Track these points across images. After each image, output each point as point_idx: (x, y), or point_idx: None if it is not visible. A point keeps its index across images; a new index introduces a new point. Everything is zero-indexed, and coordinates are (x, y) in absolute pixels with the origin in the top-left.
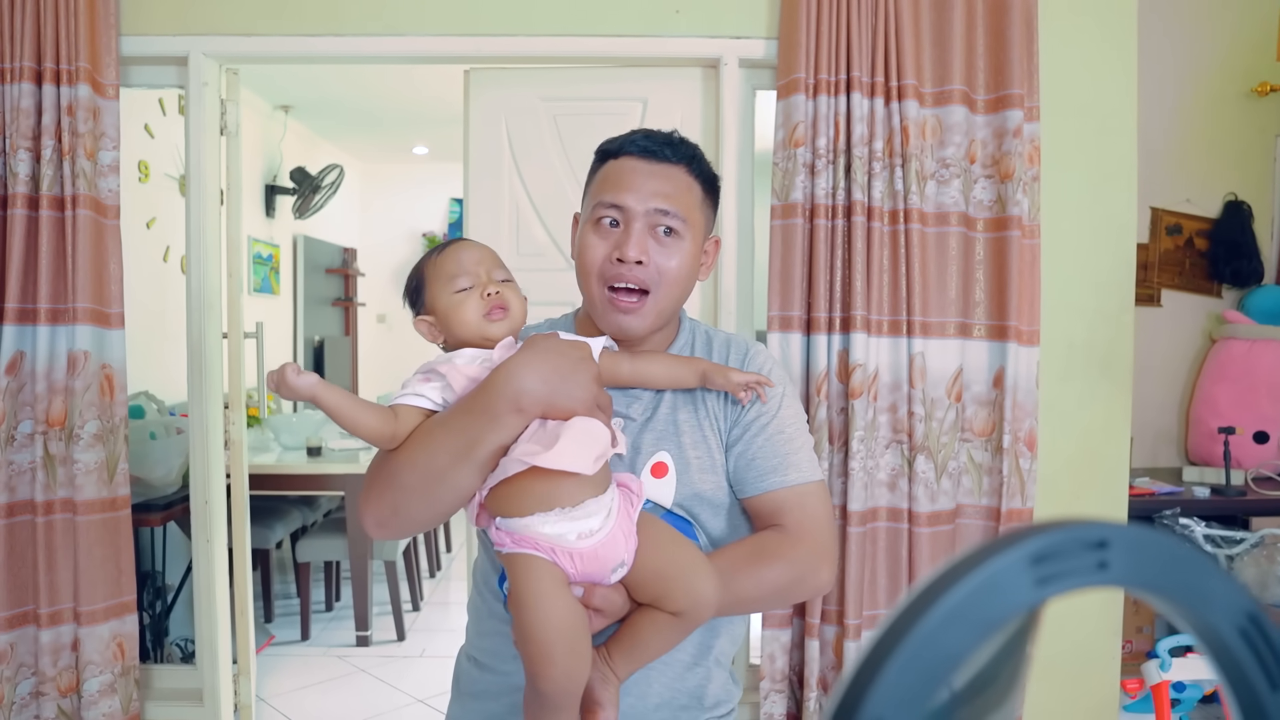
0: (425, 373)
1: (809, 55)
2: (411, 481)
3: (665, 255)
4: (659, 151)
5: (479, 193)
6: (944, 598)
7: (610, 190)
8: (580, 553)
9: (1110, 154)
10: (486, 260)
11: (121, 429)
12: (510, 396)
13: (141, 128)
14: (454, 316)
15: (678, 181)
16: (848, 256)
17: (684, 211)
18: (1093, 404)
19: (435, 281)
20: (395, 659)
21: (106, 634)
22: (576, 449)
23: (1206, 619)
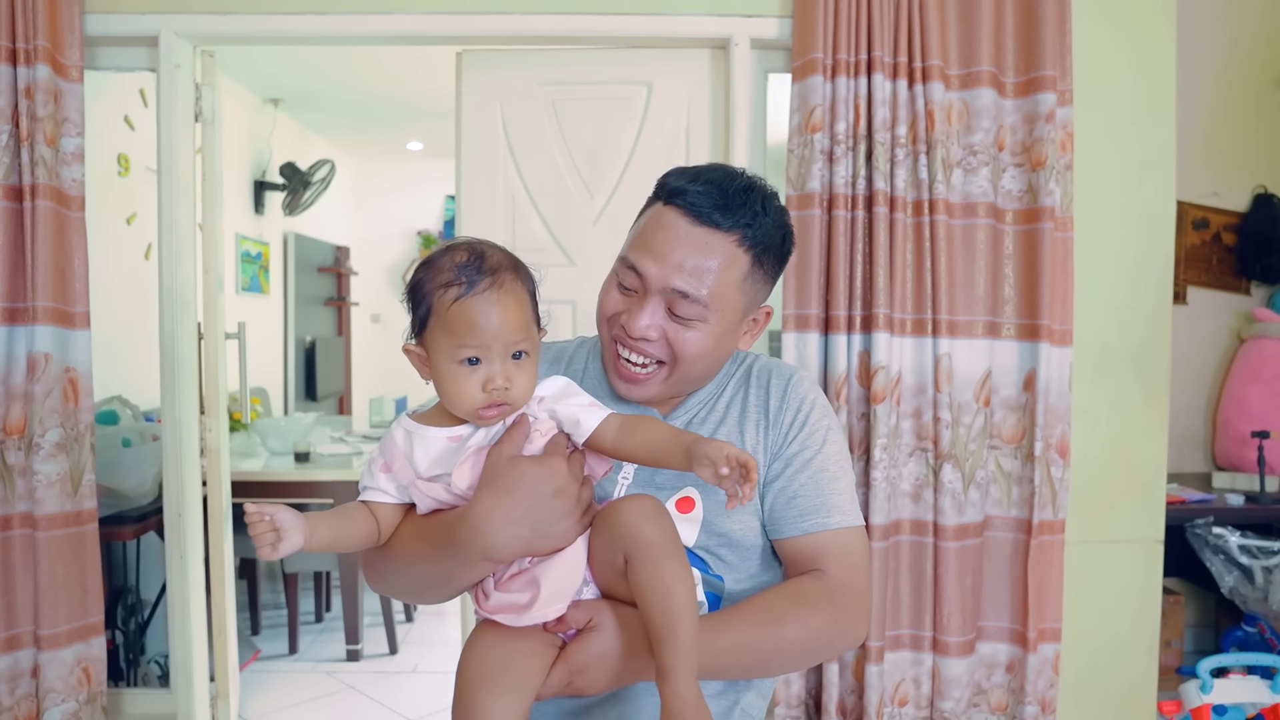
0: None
1: (826, 34)
2: (400, 584)
3: (680, 335)
4: (708, 215)
5: (472, 184)
6: None
7: (640, 247)
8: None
9: (1147, 140)
10: (508, 331)
11: (87, 437)
12: (479, 552)
13: (121, 119)
14: (445, 384)
15: (717, 255)
16: (869, 250)
17: (712, 294)
18: (1127, 408)
19: (441, 331)
20: (387, 674)
21: (70, 658)
22: (554, 593)
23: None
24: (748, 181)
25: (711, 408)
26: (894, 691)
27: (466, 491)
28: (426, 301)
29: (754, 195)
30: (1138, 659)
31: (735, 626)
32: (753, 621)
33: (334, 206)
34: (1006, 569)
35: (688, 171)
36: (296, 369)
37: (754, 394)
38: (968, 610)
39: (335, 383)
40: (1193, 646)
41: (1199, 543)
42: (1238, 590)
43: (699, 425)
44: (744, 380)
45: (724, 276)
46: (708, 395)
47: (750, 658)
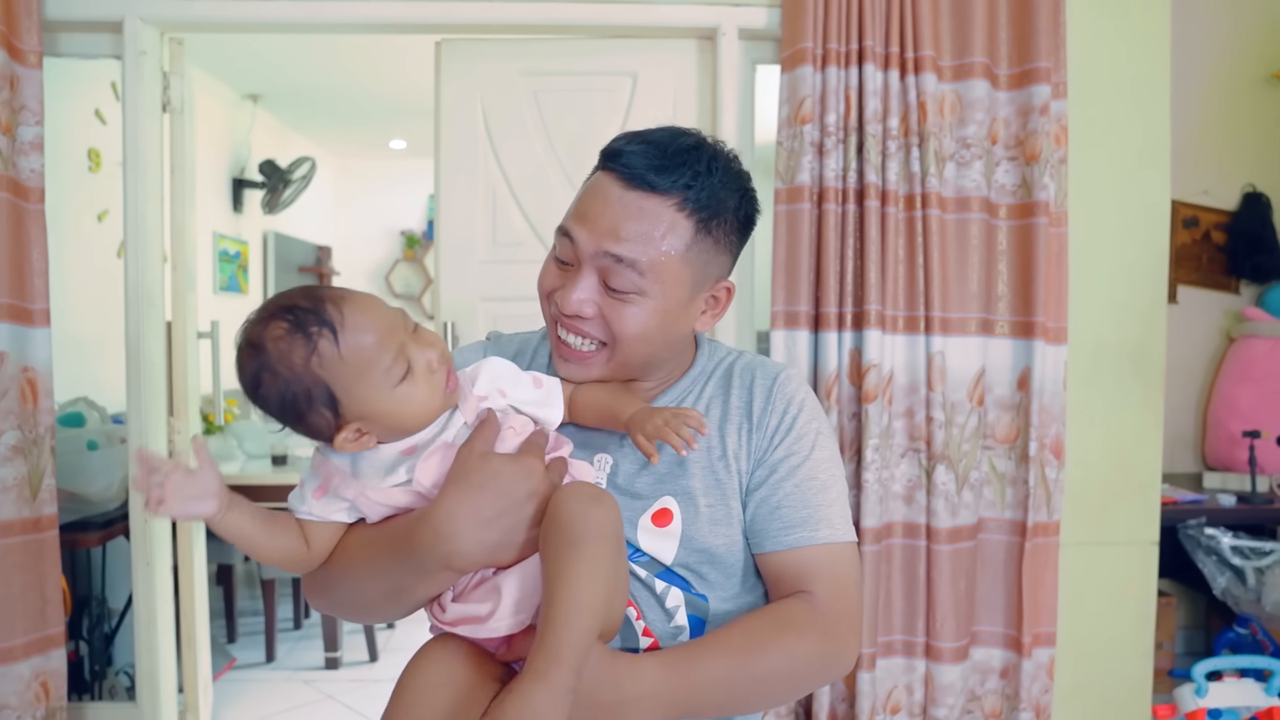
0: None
1: (817, 23)
2: (348, 601)
3: (615, 313)
4: (642, 177)
5: (452, 177)
6: None
7: (572, 215)
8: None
9: (1143, 134)
10: (396, 319)
11: (47, 439)
12: (440, 558)
13: (92, 113)
14: (404, 411)
15: (654, 221)
16: (860, 246)
17: (649, 261)
18: (1123, 408)
19: (358, 383)
20: (367, 683)
21: (27, 673)
22: (516, 603)
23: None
24: (695, 140)
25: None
26: (886, 699)
27: (431, 490)
28: (316, 384)
29: (699, 154)
30: (1133, 663)
31: (714, 657)
32: (733, 651)
33: (315, 206)
34: (1000, 572)
35: (631, 133)
36: None
37: (736, 394)
38: (961, 615)
39: None
40: (1184, 648)
41: (1191, 544)
42: (1230, 592)
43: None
44: (725, 379)
45: (663, 244)
46: (682, 392)
47: (731, 693)
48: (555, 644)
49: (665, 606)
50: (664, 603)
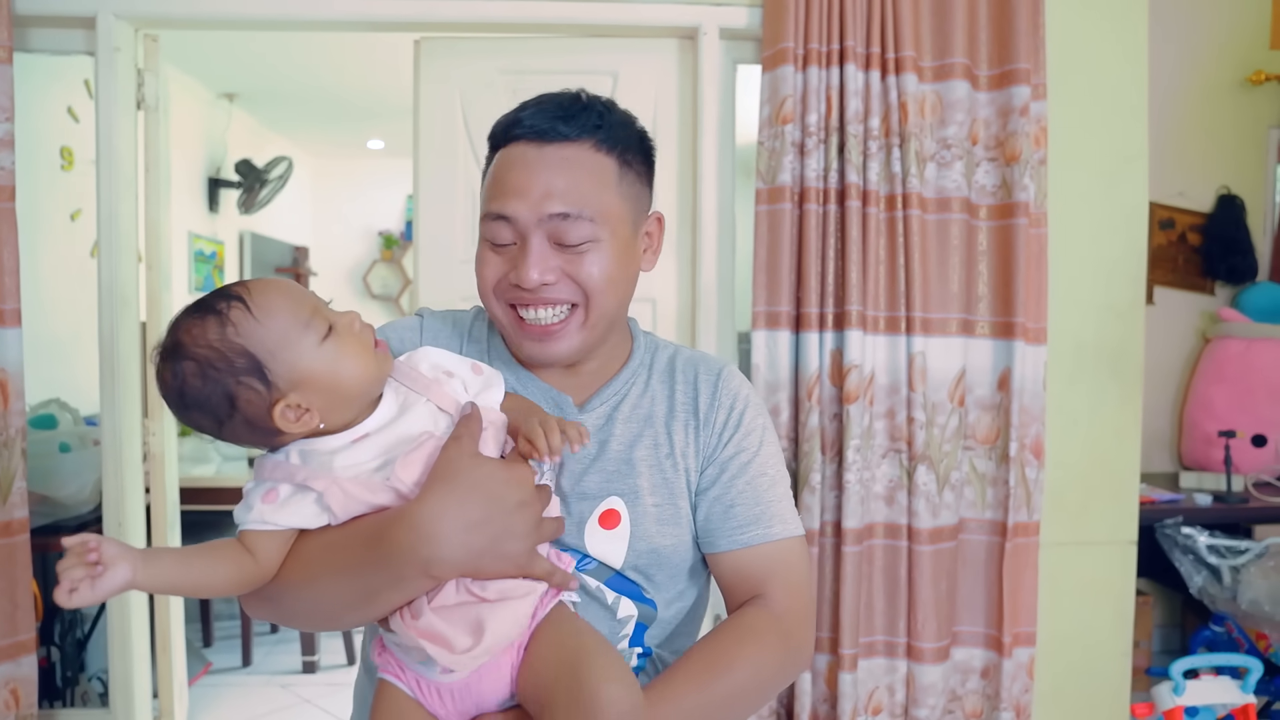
0: (282, 482)
1: (798, 23)
2: (299, 610)
3: (578, 266)
4: (553, 130)
5: (431, 176)
6: None
7: (496, 197)
8: (449, 688)
9: (1122, 135)
10: (305, 293)
11: (19, 442)
12: (420, 564)
13: (64, 110)
14: (343, 371)
15: (580, 166)
16: (841, 246)
17: (593, 206)
18: (1102, 408)
19: (282, 343)
20: (344, 686)
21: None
22: (494, 643)
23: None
24: (576, 91)
25: (635, 404)
26: (868, 700)
27: (411, 490)
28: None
29: (590, 101)
30: (1112, 662)
31: (683, 693)
32: (700, 678)
33: (292, 206)
34: (981, 572)
35: (514, 109)
36: None
37: (681, 389)
38: (942, 615)
39: None
40: (1161, 647)
41: (1168, 543)
42: (1206, 590)
43: (622, 423)
44: (668, 373)
45: (597, 185)
46: (624, 384)
47: (718, 708)
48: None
49: (617, 617)
50: (615, 614)
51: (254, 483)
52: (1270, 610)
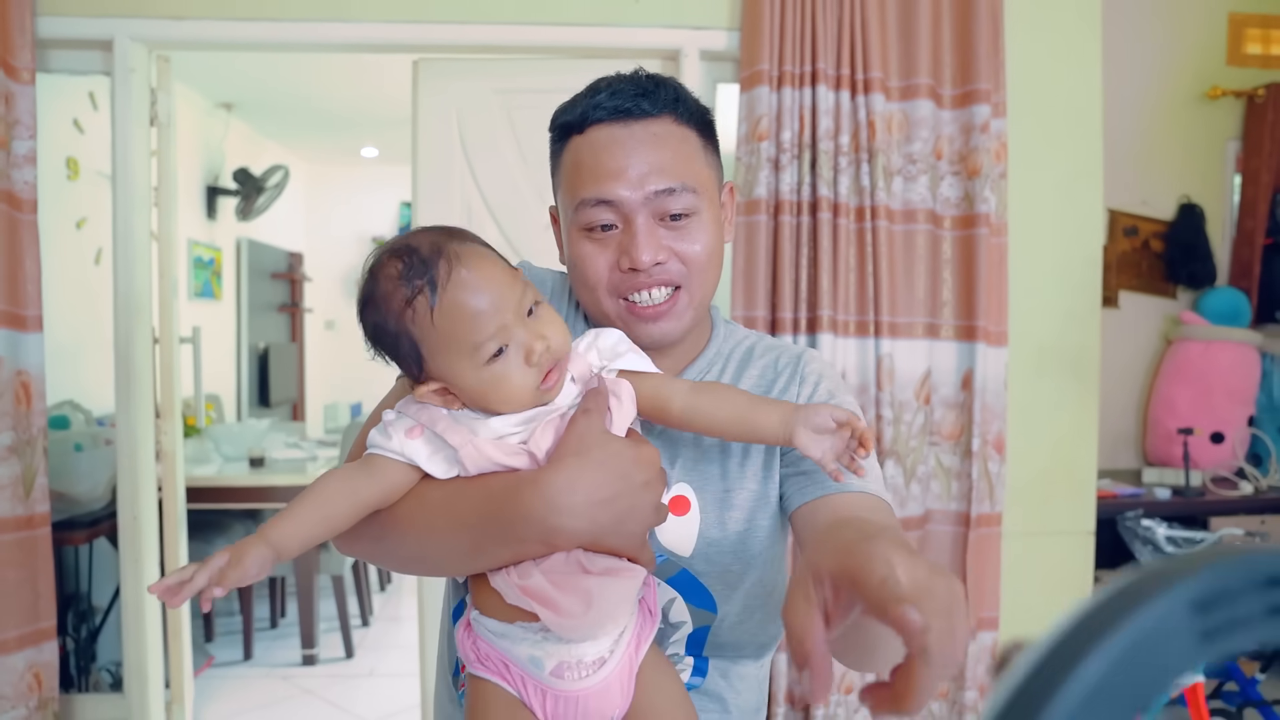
0: (420, 425)
1: (773, 46)
2: (398, 552)
3: (687, 240)
4: (635, 108)
5: (429, 191)
6: (1085, 665)
7: (590, 183)
8: (557, 694)
9: (1077, 150)
10: (508, 294)
11: (40, 440)
12: (541, 528)
13: (70, 122)
14: (492, 393)
15: (670, 140)
16: (814, 255)
17: (691, 177)
18: (1061, 407)
19: (445, 350)
20: (343, 678)
21: (21, 664)
22: (599, 618)
23: None
24: (645, 71)
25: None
26: (841, 679)
27: (544, 456)
28: (404, 335)
29: (661, 78)
30: None
31: None
32: None
33: (287, 212)
34: (946, 561)
35: (578, 98)
36: (250, 375)
37: (755, 373)
38: None
39: (289, 389)
40: None
41: (1129, 534)
42: None
43: None
44: (745, 360)
45: (689, 157)
46: (702, 371)
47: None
48: None
49: (670, 621)
50: (668, 617)
51: (398, 414)
52: None
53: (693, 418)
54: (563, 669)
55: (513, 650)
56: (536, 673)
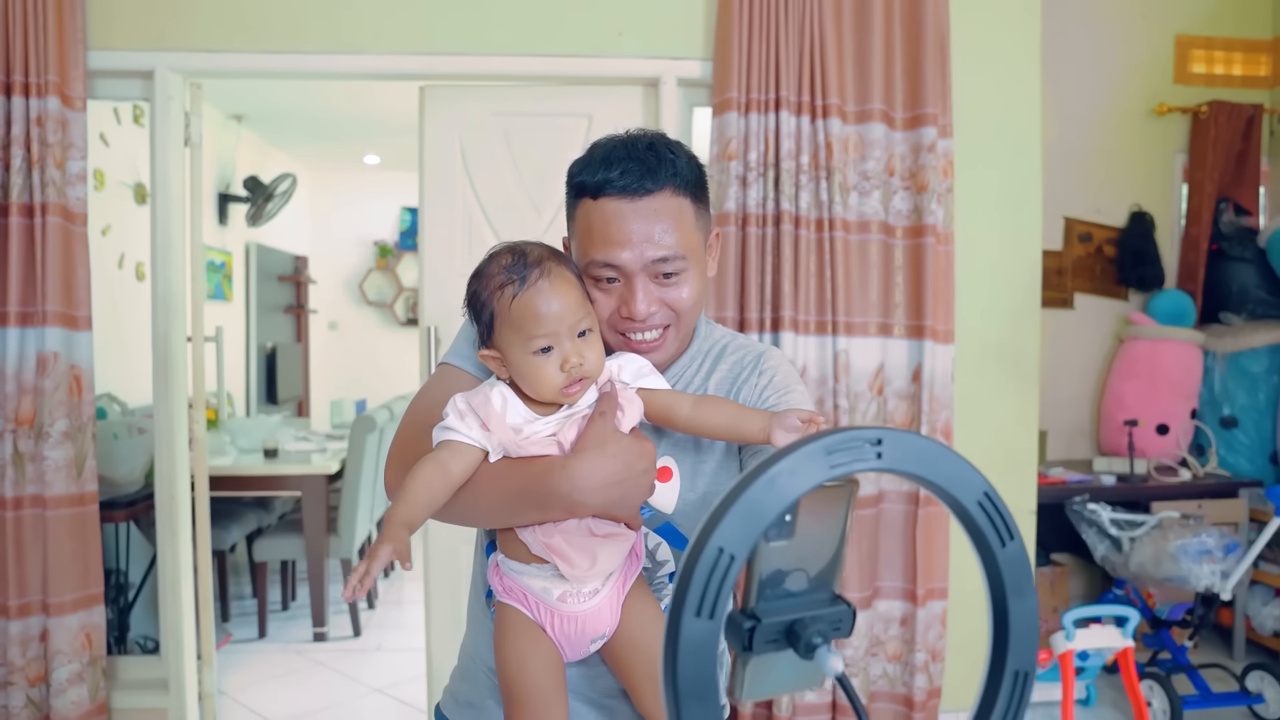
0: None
1: (741, 76)
2: (458, 512)
3: (674, 291)
4: (641, 186)
5: (434, 203)
6: (767, 472)
7: (601, 247)
8: (562, 615)
9: (1018, 168)
10: (570, 312)
11: (89, 427)
12: (566, 502)
13: (98, 136)
14: (527, 377)
15: (668, 213)
16: (777, 262)
17: (682, 245)
18: (1003, 397)
19: (509, 329)
20: (352, 653)
21: (75, 625)
22: (603, 568)
23: (955, 496)
24: (645, 139)
25: (689, 381)
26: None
27: (568, 447)
28: (488, 308)
29: (659, 147)
30: None
31: None
32: None
33: (293, 217)
34: (899, 536)
35: (594, 162)
36: (258, 373)
37: (725, 368)
38: (865, 571)
39: (294, 387)
40: None
41: (1076, 517)
42: (1108, 558)
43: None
44: (717, 360)
45: (681, 226)
46: (683, 368)
47: None
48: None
49: (656, 559)
50: (655, 556)
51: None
52: (1152, 571)
53: (694, 425)
54: (565, 596)
55: (529, 583)
56: (546, 599)
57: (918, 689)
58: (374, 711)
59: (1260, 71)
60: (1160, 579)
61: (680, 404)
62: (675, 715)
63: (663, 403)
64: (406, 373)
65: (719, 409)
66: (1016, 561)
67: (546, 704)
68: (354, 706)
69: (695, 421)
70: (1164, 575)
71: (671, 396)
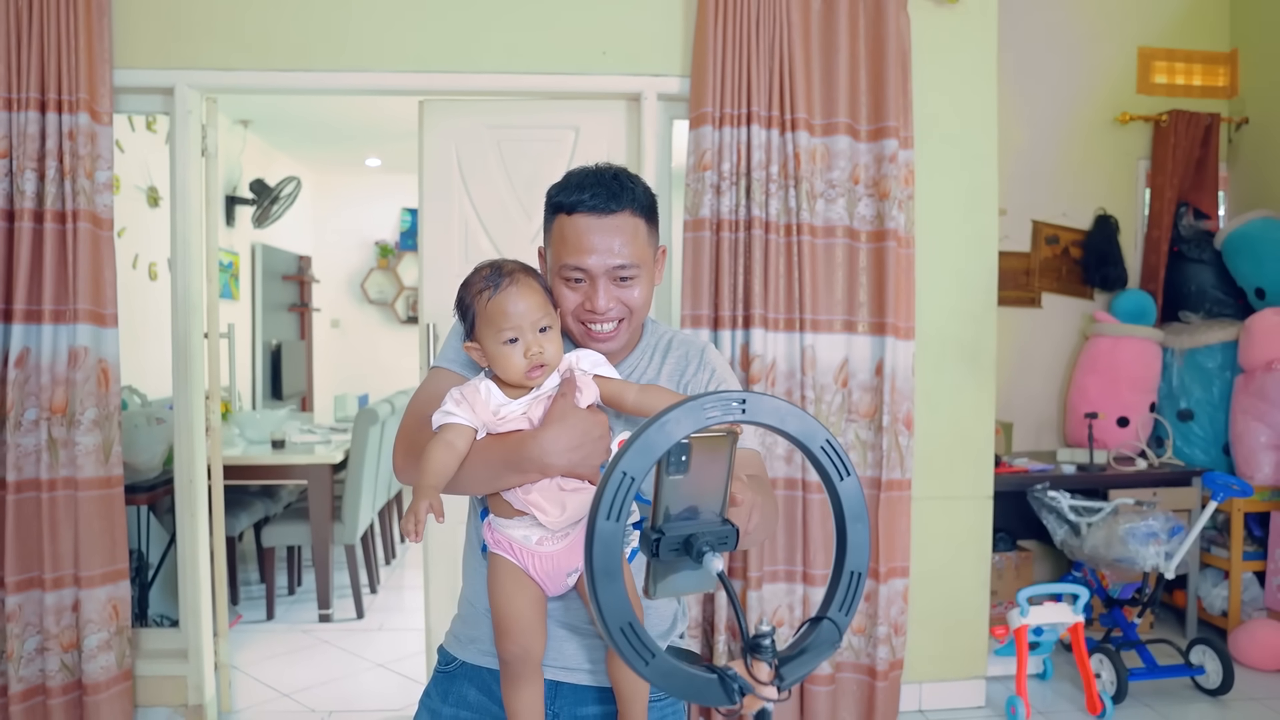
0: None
1: (715, 92)
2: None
3: (628, 292)
4: (607, 206)
5: (432, 209)
6: (659, 421)
7: (572, 254)
8: (540, 555)
9: (975, 175)
10: (532, 311)
11: (115, 416)
12: (538, 465)
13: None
14: (498, 363)
15: (628, 230)
16: (748, 264)
17: (637, 256)
18: (962, 390)
19: (484, 324)
20: (356, 632)
21: (103, 597)
22: (570, 516)
23: (804, 443)
24: (614, 170)
25: (643, 372)
26: (773, 615)
27: (536, 422)
28: (471, 308)
29: (622, 178)
30: (974, 592)
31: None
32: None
33: (297, 218)
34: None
35: (569, 186)
36: (264, 369)
37: (672, 360)
38: (830, 550)
39: (298, 383)
40: None
41: (1037, 504)
42: (1066, 542)
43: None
44: (664, 353)
45: (638, 242)
46: (635, 360)
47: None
48: None
49: None
50: None
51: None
52: (1104, 554)
53: (640, 408)
54: (543, 541)
55: (514, 534)
56: (528, 545)
57: (880, 660)
58: (377, 683)
59: (1219, 82)
60: (1111, 560)
61: (628, 390)
62: (592, 587)
63: (614, 390)
64: (407, 368)
65: (659, 396)
66: (853, 492)
67: (529, 631)
68: (358, 680)
69: (641, 405)
70: (1115, 557)
71: (621, 385)
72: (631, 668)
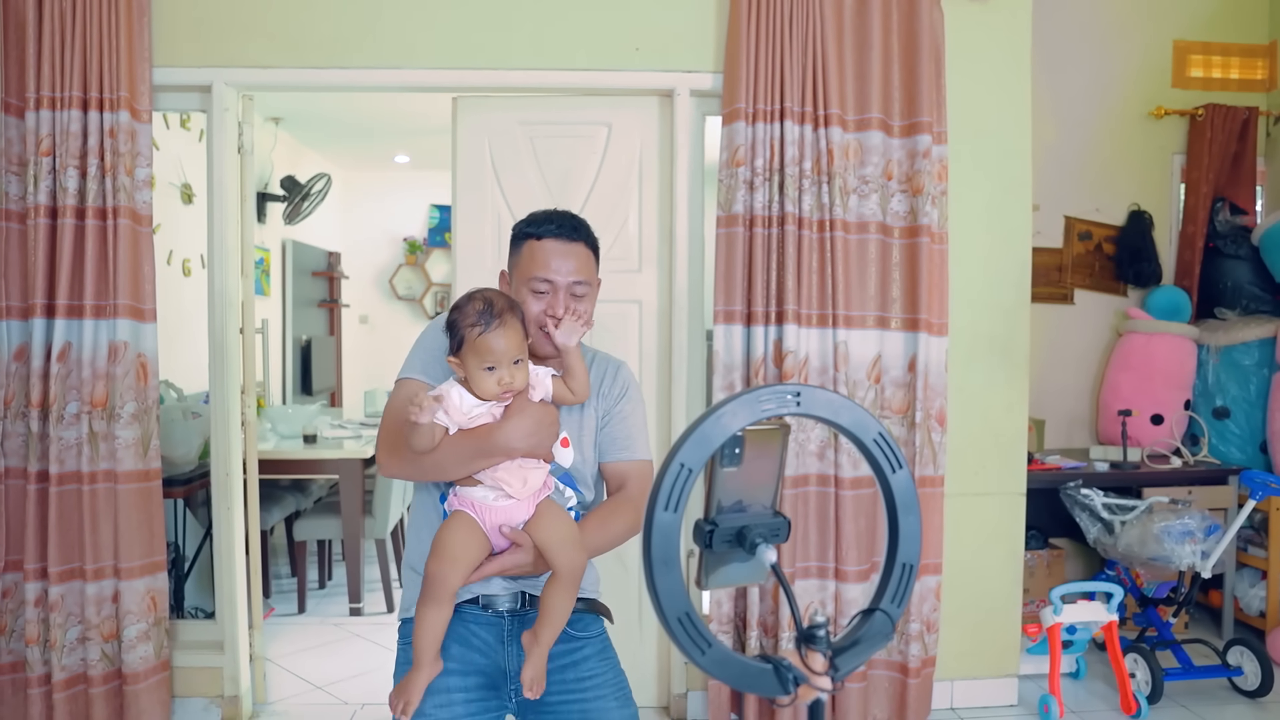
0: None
1: (748, 88)
2: (427, 467)
3: (582, 305)
4: (571, 235)
5: (465, 204)
6: (715, 413)
7: (541, 269)
8: (494, 509)
9: (1008, 171)
10: (511, 351)
11: (153, 410)
12: (503, 449)
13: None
14: (477, 384)
15: (583, 256)
16: (781, 260)
17: (588, 276)
18: (994, 387)
19: (470, 352)
20: (387, 626)
21: (142, 588)
22: (529, 486)
23: (858, 435)
24: (569, 214)
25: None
26: (804, 612)
27: (499, 416)
28: (460, 334)
29: (577, 219)
30: (1006, 590)
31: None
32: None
33: (326, 215)
34: None
35: (538, 220)
36: (294, 365)
37: (594, 375)
38: (862, 546)
39: (328, 378)
40: None
41: (1070, 501)
42: (1100, 540)
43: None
44: (592, 366)
45: (588, 266)
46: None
47: (606, 540)
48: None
49: (564, 498)
50: (563, 495)
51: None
52: (1139, 552)
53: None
54: (498, 499)
55: (475, 495)
56: (487, 501)
57: (912, 657)
58: None
59: (1256, 75)
60: (1146, 559)
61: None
62: (650, 576)
63: (558, 389)
64: None
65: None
66: (904, 484)
67: (460, 560)
68: (389, 673)
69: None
70: (1149, 555)
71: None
72: (687, 656)
